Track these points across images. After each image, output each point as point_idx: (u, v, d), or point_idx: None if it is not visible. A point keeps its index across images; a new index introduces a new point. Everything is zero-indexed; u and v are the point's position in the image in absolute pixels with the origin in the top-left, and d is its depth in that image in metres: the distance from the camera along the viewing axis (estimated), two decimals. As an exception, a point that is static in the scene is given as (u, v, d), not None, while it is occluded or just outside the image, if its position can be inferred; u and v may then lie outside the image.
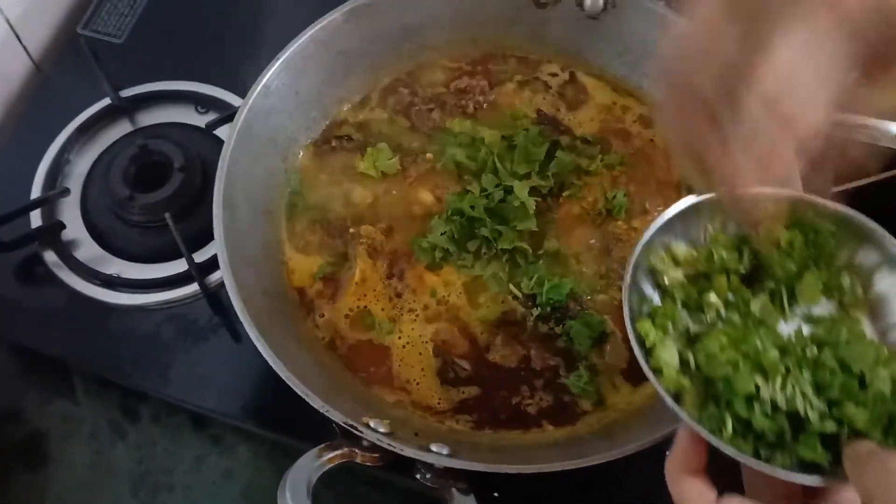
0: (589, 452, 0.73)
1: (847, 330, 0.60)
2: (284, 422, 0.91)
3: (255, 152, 0.90)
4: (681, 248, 0.65)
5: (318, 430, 0.77)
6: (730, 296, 0.64)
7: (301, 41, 0.92)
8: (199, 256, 0.98)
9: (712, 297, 0.63)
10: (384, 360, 0.88)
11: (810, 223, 0.64)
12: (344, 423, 0.73)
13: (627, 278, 0.62)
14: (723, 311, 0.63)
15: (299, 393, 0.74)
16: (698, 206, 0.64)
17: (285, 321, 0.87)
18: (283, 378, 0.75)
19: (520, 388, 0.86)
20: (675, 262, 0.65)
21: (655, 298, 0.64)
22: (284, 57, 0.91)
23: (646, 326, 0.60)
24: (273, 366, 0.76)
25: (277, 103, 0.93)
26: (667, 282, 0.64)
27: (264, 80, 0.90)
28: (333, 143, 0.98)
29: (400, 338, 0.88)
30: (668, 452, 0.57)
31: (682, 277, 0.64)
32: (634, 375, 0.86)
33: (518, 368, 0.87)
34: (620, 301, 0.86)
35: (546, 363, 0.86)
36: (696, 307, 0.63)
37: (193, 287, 0.98)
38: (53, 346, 0.98)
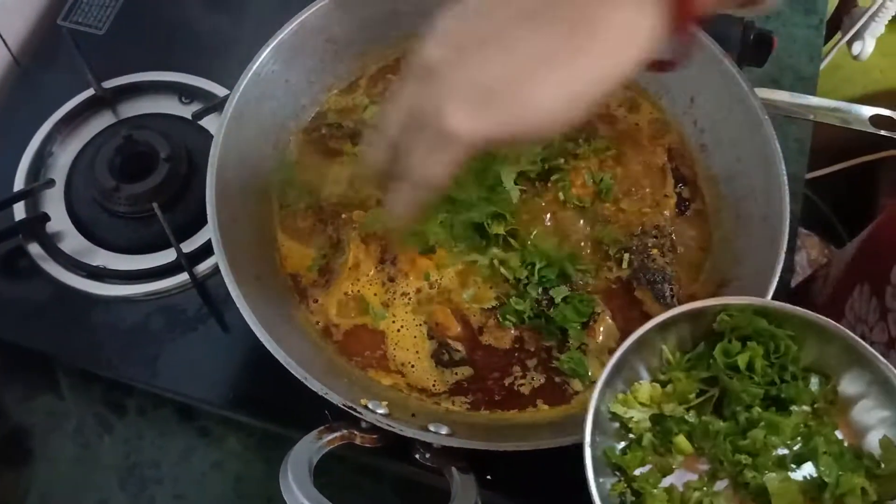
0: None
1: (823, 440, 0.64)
2: (274, 411, 0.91)
3: (246, 139, 0.90)
4: (643, 386, 0.67)
5: (307, 419, 0.77)
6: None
7: (290, 28, 0.92)
8: (187, 247, 0.98)
9: (681, 443, 0.65)
10: (379, 345, 0.88)
11: (767, 332, 0.66)
12: (343, 404, 0.74)
13: (587, 436, 0.63)
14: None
15: (298, 376, 0.74)
16: (646, 336, 0.66)
17: (279, 307, 0.87)
18: (282, 362, 0.75)
19: (512, 368, 0.87)
20: (637, 400, 0.67)
21: (618, 447, 0.66)
22: (274, 44, 0.91)
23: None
24: (270, 350, 0.75)
25: (267, 90, 0.93)
26: (633, 428, 0.66)
27: (254, 67, 0.90)
28: (323, 131, 0.98)
29: (394, 322, 0.88)
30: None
31: (647, 419, 0.66)
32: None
33: (511, 350, 0.88)
34: (611, 280, 0.89)
35: (539, 344, 0.87)
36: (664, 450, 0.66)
37: (180, 277, 0.98)
38: (38, 339, 0.97)
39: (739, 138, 0.89)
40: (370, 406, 0.76)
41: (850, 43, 1.39)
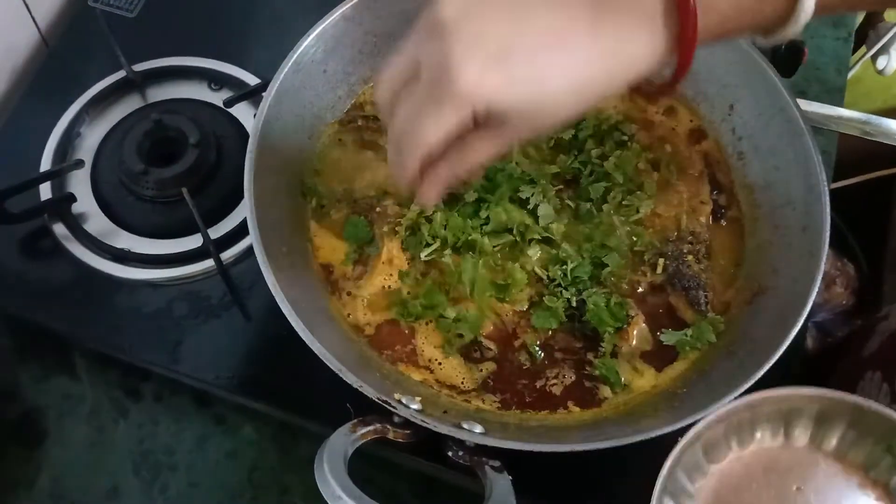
0: (615, 435, 0.73)
1: None
2: (292, 402, 0.91)
3: (283, 128, 0.89)
4: None
5: (326, 411, 0.77)
6: None
7: (332, 18, 0.91)
8: (213, 233, 0.97)
9: None
10: (410, 339, 0.87)
11: None
12: (378, 398, 0.73)
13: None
14: None
15: (333, 368, 0.73)
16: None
17: (312, 297, 0.86)
18: (317, 353, 0.74)
19: (544, 370, 0.86)
20: None
21: None
22: (315, 33, 0.90)
23: None
24: (306, 340, 0.74)
25: (306, 80, 0.92)
26: None
27: (295, 55, 0.89)
28: (359, 123, 0.97)
29: (426, 317, 0.88)
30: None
31: None
32: (658, 359, 0.87)
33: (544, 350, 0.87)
34: (645, 285, 0.89)
35: (571, 345, 0.87)
36: None
37: (205, 264, 0.97)
38: (58, 320, 0.96)
39: (778, 147, 0.89)
40: (404, 401, 0.75)
41: (874, 57, 1.39)
